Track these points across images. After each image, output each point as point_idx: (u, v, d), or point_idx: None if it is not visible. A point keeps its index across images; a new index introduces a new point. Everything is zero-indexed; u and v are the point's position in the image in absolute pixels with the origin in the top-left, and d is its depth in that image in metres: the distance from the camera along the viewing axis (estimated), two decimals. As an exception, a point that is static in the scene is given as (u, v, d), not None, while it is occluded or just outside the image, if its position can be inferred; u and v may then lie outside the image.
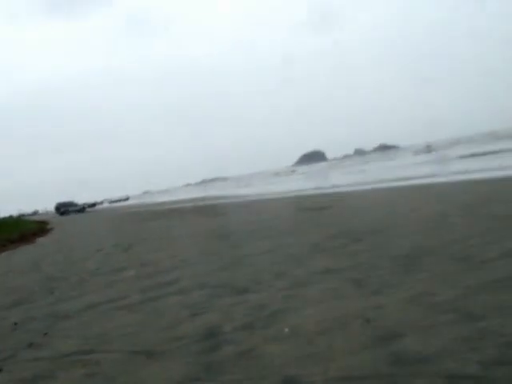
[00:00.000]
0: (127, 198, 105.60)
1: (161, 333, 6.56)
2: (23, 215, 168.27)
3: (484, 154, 50.27)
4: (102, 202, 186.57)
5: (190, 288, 9.08)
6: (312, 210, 20.53)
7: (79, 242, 24.50)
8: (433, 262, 8.08)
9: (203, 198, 64.40)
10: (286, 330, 5.90)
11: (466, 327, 5.04)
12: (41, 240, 30.46)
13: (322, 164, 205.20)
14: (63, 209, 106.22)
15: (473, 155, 51.73)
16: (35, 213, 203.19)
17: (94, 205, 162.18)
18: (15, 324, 8.24)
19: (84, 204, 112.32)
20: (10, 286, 12.79)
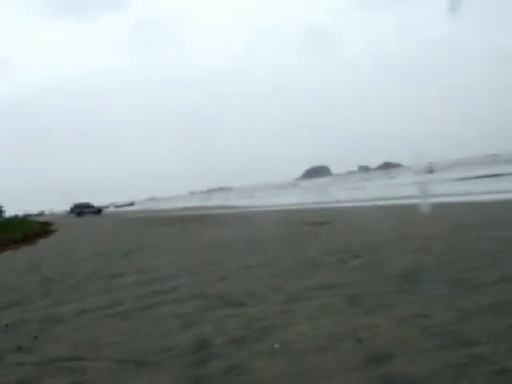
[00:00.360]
0: (133, 203, 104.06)
1: (152, 342, 6.44)
2: (29, 215, 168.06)
3: (485, 176, 50.15)
4: (108, 206, 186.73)
5: (186, 298, 8.97)
6: (312, 224, 20.37)
7: (80, 245, 24.38)
8: (428, 283, 7.95)
9: (207, 207, 64.33)
10: (277, 345, 5.77)
11: (457, 352, 4.91)
12: (43, 241, 30.33)
13: (327, 179, 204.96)
14: (78, 210, 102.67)
15: (475, 177, 51.59)
16: (41, 213, 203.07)
17: (100, 210, 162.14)
18: (6, 326, 8.13)
19: (100, 206, 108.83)
20: (8, 286, 12.69)
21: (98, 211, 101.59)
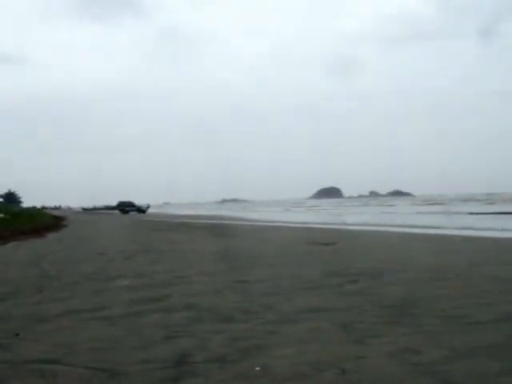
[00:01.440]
0: (148, 207, 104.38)
1: (131, 352, 6.10)
2: (45, 208, 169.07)
3: (495, 213, 49.74)
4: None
5: (176, 307, 8.66)
6: (317, 245, 20.02)
7: (85, 243, 24.12)
8: (422, 316, 7.60)
9: (217, 217, 64.12)
10: (258, 368, 5.43)
11: (443, 396, 4.56)
12: (51, 235, 30.08)
13: (338, 200, 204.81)
14: (122, 207, 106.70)
15: (483, 213, 51.20)
16: (57, 208, 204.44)
17: (115, 208, 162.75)
18: (-9, 320, 7.82)
19: (142, 205, 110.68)
20: (4, 278, 12.40)
21: (140, 210, 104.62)
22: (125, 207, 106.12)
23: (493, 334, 6.58)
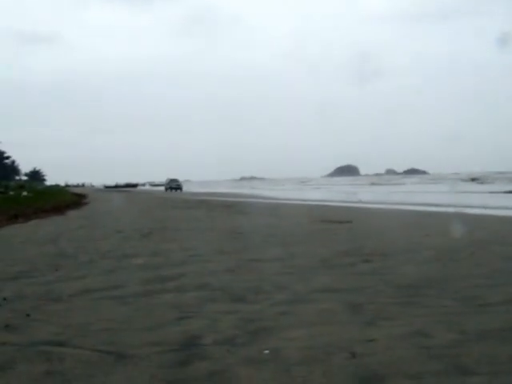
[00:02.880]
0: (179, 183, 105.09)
1: (141, 334, 5.96)
2: (68, 186, 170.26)
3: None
4: (144, 184, 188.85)
5: (189, 287, 8.52)
6: (332, 223, 19.84)
7: (104, 221, 24.01)
8: (434, 298, 7.42)
9: (235, 195, 64.03)
10: (267, 351, 5.26)
11: (454, 382, 4.37)
12: (71, 213, 30.08)
13: (355, 178, 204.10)
14: (171, 184, 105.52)
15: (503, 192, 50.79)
16: (79, 185, 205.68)
17: (136, 185, 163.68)
18: (4, 299, 7.69)
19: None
20: (21, 256, 12.30)
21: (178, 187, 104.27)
22: (171, 184, 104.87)
23: (504, 317, 6.39)
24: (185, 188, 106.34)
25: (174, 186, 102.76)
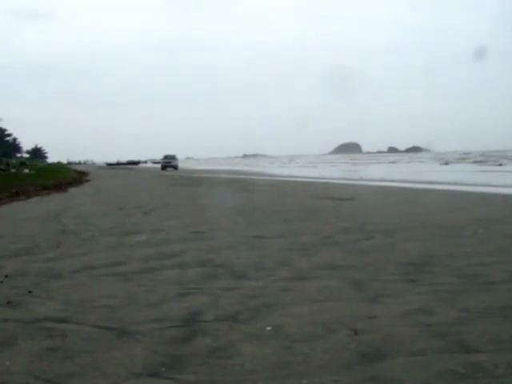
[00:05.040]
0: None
1: (142, 310, 5.98)
2: (70, 163, 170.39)
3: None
4: (146, 161, 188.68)
5: (191, 263, 8.53)
6: (334, 200, 19.80)
7: (106, 198, 23.97)
8: (437, 275, 7.42)
9: (238, 172, 63.97)
10: (269, 328, 5.27)
11: (456, 359, 4.37)
12: (73, 190, 30.04)
13: (357, 155, 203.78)
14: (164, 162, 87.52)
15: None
16: (81, 163, 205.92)
17: (137, 163, 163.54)
18: (6, 276, 7.69)
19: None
20: (23, 233, 12.28)
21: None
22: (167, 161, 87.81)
23: (507, 295, 6.38)
24: (186, 165, 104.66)
25: (166, 164, 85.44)
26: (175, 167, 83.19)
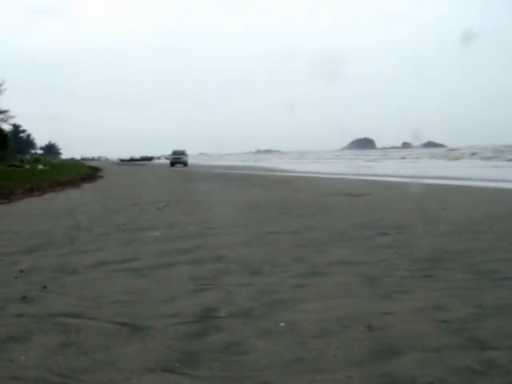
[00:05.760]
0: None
1: (157, 306, 6.01)
2: (84, 159, 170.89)
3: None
4: (159, 157, 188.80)
5: (205, 259, 8.55)
6: (349, 196, 19.76)
7: (119, 194, 24.05)
8: (452, 271, 7.40)
9: (251, 168, 63.91)
10: (282, 324, 5.28)
11: (470, 356, 4.36)
12: (86, 186, 30.15)
13: (371, 151, 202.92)
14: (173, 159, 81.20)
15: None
16: (95, 159, 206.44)
17: (151, 158, 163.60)
18: (21, 272, 7.74)
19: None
20: (37, 229, 12.35)
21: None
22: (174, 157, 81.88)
23: (523, 292, 6.36)
24: (197, 161, 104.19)
25: (175, 160, 79.28)
26: (185, 163, 77.83)
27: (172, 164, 78.05)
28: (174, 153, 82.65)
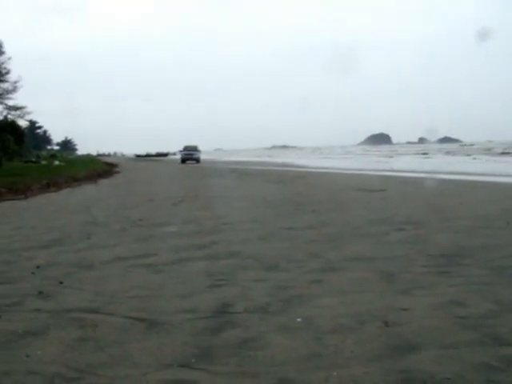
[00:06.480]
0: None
1: (173, 301, 6.01)
2: (100, 155, 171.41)
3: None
4: (174, 153, 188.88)
5: (221, 255, 8.55)
6: (364, 191, 19.68)
7: (135, 189, 24.14)
8: (470, 267, 7.33)
9: (266, 163, 63.85)
10: (299, 319, 5.26)
11: (489, 352, 4.33)
12: (103, 182, 30.25)
13: (387, 146, 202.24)
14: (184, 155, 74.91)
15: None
16: (111, 155, 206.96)
17: (166, 154, 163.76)
18: (37, 267, 7.77)
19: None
20: (54, 224, 12.41)
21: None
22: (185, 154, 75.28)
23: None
24: (214, 157, 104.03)
25: (187, 156, 73.64)
26: (197, 160, 72.36)
27: (183, 161, 73.03)
28: (186, 148, 76.86)
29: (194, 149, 75.93)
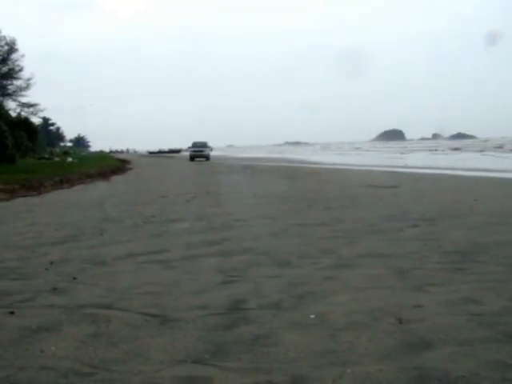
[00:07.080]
0: (211, 150, 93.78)
1: (186, 297, 6.01)
2: (113, 152, 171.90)
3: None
4: (187, 150, 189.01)
5: (234, 251, 8.54)
6: (377, 188, 19.62)
7: (148, 186, 24.21)
8: (485, 264, 7.29)
9: (279, 160, 63.79)
10: (312, 316, 5.25)
11: (504, 349, 4.30)
12: (115, 178, 30.34)
13: (400, 143, 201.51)
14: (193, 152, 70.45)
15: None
16: (124, 151, 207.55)
17: (179, 151, 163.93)
18: (51, 263, 7.79)
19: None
20: (67, 220, 12.46)
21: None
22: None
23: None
24: (227, 153, 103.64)
25: (196, 154, 68.62)
26: (207, 157, 68.07)
27: (192, 158, 68.26)
28: (194, 145, 72.48)
29: (204, 145, 72.31)
